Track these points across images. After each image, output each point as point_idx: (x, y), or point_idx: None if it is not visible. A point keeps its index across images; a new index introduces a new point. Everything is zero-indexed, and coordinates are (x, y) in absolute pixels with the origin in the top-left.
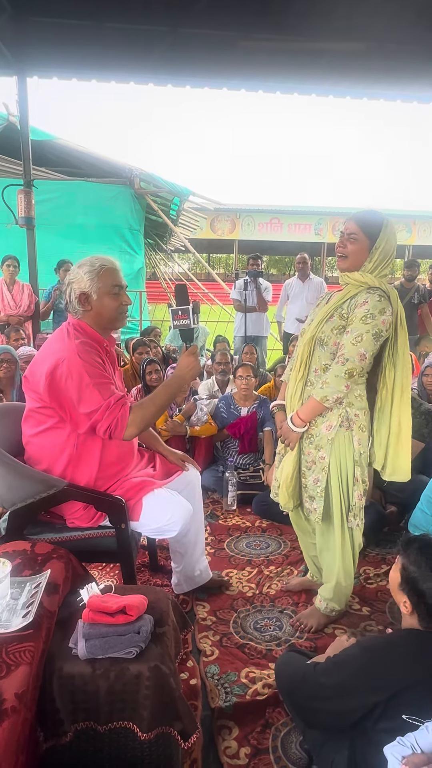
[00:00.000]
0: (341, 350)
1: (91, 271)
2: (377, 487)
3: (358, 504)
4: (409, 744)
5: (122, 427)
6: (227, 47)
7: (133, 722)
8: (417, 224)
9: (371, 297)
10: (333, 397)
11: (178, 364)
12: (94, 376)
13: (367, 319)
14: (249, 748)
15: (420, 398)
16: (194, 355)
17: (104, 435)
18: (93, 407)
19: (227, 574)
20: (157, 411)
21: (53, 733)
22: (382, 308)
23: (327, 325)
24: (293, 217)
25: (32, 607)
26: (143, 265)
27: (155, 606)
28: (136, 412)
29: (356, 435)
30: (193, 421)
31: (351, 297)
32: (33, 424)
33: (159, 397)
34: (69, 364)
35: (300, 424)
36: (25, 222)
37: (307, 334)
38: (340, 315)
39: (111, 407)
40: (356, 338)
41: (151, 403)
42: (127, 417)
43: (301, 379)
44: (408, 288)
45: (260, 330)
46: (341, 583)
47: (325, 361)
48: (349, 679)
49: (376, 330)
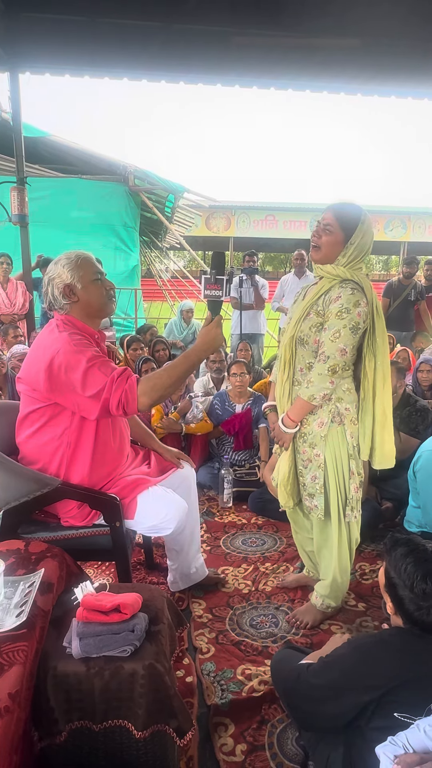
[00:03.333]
0: (321, 348)
1: (69, 263)
2: (373, 484)
3: (355, 497)
4: (401, 743)
5: (133, 398)
6: (221, 43)
7: (129, 721)
8: (412, 220)
9: (344, 291)
10: (320, 395)
11: (200, 335)
12: (92, 358)
13: (342, 314)
14: (245, 745)
15: (415, 394)
16: (219, 327)
17: (118, 411)
18: (98, 387)
19: (223, 571)
20: (173, 382)
21: (48, 733)
22: (356, 301)
23: (305, 323)
24: (288, 214)
25: (26, 606)
26: (138, 263)
27: (150, 604)
28: (148, 382)
29: (348, 429)
30: (188, 418)
31: (325, 292)
32: (28, 424)
33: (176, 367)
34: (64, 355)
35: (291, 424)
36: (19, 219)
37: (287, 334)
38: (317, 312)
39: (116, 381)
40: (334, 334)
41: (165, 373)
42: (135, 387)
43: (288, 380)
44: (405, 285)
45: (257, 327)
46: (338, 579)
47: (308, 359)
48: (339, 679)
49: (353, 324)
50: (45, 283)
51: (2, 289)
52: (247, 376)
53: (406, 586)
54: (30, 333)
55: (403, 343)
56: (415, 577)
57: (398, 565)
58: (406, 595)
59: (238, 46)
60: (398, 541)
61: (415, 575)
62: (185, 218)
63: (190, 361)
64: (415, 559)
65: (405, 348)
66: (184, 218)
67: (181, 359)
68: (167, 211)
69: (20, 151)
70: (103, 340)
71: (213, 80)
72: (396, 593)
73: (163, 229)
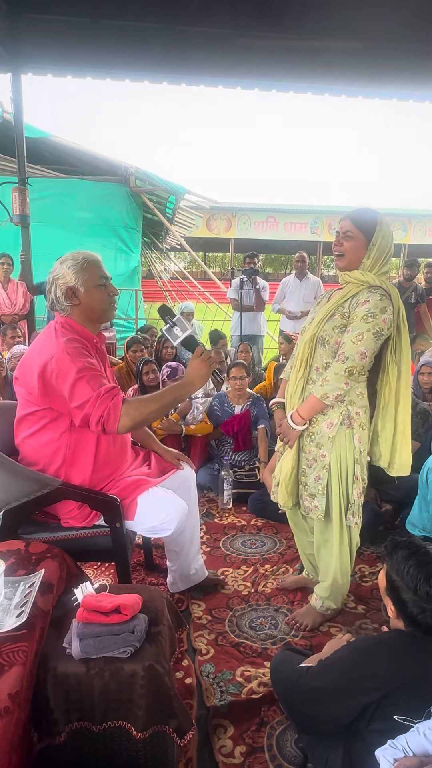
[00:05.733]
0: (342, 348)
1: (74, 265)
2: (372, 486)
3: (357, 502)
4: (401, 747)
5: (115, 418)
6: (223, 45)
7: (128, 721)
8: (412, 223)
9: (372, 296)
10: (333, 395)
11: (187, 370)
12: (83, 369)
13: (368, 318)
14: (244, 747)
15: (416, 397)
16: (202, 359)
17: (97, 428)
18: (83, 399)
19: (223, 572)
20: (157, 410)
21: (47, 734)
22: (383, 307)
23: (328, 323)
24: (289, 216)
25: (26, 606)
26: (139, 264)
27: (150, 605)
28: (132, 404)
29: (357, 433)
30: (188, 419)
31: (352, 296)
32: (26, 426)
33: (163, 397)
34: (57, 362)
35: (300, 422)
36: (20, 220)
37: (307, 333)
38: (342, 314)
39: (101, 397)
40: (357, 336)
41: (152, 400)
42: (120, 407)
43: (302, 378)
44: (406, 287)
45: (257, 329)
46: (338, 582)
47: (327, 359)
48: (339, 681)
49: (377, 329)
50: (49, 281)
51: (3, 289)
52: (246, 379)
53: (409, 589)
54: (30, 333)
55: None
56: (419, 579)
57: (400, 568)
58: (409, 598)
59: (240, 48)
60: (399, 544)
61: (419, 578)
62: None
63: (179, 393)
64: (417, 561)
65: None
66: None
67: (170, 390)
68: (168, 212)
69: (22, 151)
70: (102, 342)
71: (215, 82)
72: (398, 596)
73: (164, 230)
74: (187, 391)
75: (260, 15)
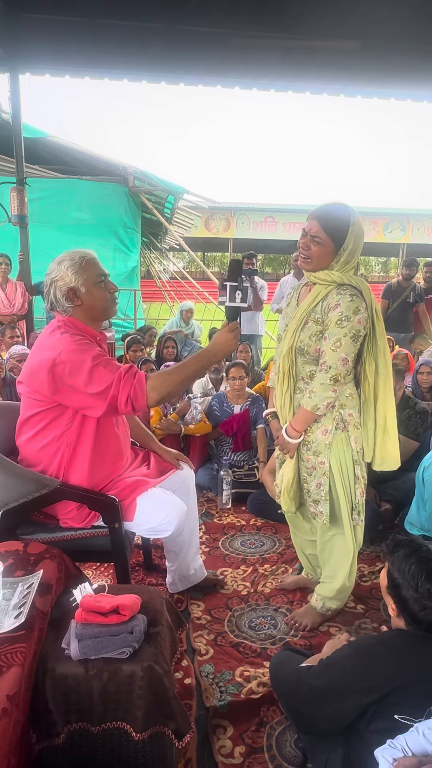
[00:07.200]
0: (322, 357)
1: (73, 265)
2: (371, 485)
3: (360, 501)
4: (400, 746)
5: (143, 393)
6: (222, 45)
7: (127, 722)
8: (411, 223)
9: (343, 297)
10: (323, 405)
11: (214, 339)
12: (97, 357)
13: (342, 322)
14: (244, 747)
15: (415, 397)
16: (233, 332)
17: (126, 407)
18: (105, 384)
19: (222, 572)
20: (182, 381)
21: (46, 735)
22: (356, 307)
23: (303, 333)
24: (288, 216)
25: (24, 607)
26: (138, 264)
27: (149, 605)
28: (157, 378)
29: (352, 434)
30: (187, 419)
31: (322, 299)
32: (29, 427)
33: (187, 366)
34: (67, 354)
35: (295, 435)
36: (18, 220)
37: (284, 345)
38: (315, 320)
39: (123, 377)
40: (335, 344)
41: (175, 372)
42: (144, 383)
43: (288, 390)
44: (405, 287)
45: (255, 329)
46: (346, 584)
47: (310, 367)
48: (340, 680)
49: (354, 332)
50: (47, 283)
51: (1, 289)
52: (245, 379)
53: (410, 587)
54: (29, 333)
55: (401, 345)
56: (420, 576)
57: (401, 566)
58: (410, 596)
59: (238, 47)
60: (400, 542)
61: (419, 575)
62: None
63: (201, 363)
64: (418, 559)
65: (404, 350)
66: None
67: (192, 360)
68: (167, 212)
69: (20, 151)
70: (104, 341)
71: (213, 82)
72: (400, 594)
73: (163, 230)
74: (209, 360)
75: (259, 14)
